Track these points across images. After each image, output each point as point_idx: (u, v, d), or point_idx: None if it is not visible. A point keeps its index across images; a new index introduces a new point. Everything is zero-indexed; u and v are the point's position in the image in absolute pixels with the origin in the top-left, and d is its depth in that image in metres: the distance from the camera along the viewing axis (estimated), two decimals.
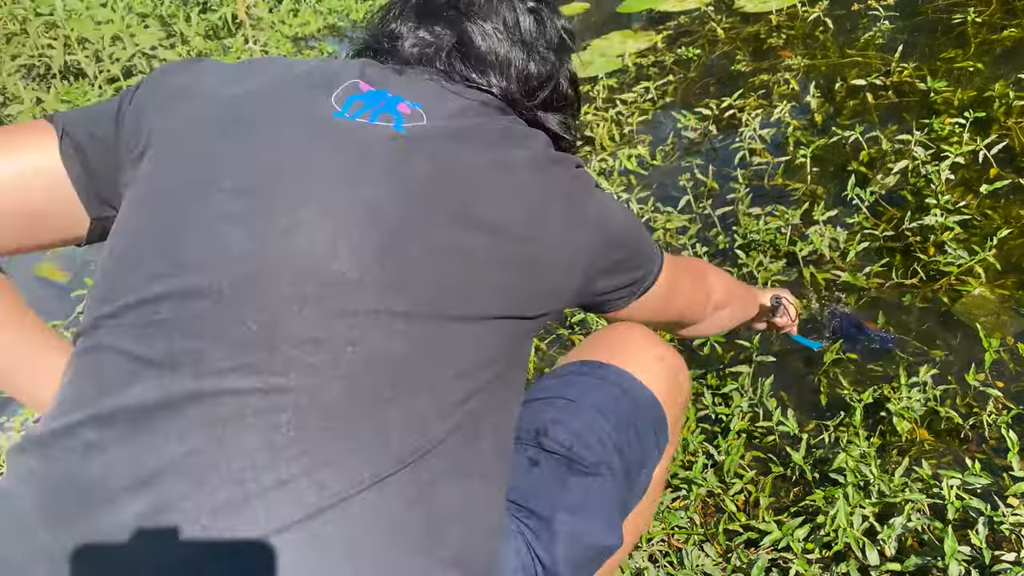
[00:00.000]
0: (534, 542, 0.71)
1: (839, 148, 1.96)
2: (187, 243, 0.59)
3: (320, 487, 0.54)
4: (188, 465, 0.53)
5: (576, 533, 0.72)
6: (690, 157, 2.14)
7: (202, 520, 0.52)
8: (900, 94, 2.11)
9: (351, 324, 0.57)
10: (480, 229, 0.63)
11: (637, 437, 0.81)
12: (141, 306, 0.58)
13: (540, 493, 0.74)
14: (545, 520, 0.72)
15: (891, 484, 1.13)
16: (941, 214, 1.57)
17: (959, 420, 1.22)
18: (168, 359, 0.56)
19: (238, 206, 0.59)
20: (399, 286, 0.59)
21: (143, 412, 0.55)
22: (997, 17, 2.31)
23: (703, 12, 2.99)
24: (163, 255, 0.59)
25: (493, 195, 0.64)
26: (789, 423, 1.28)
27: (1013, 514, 1.05)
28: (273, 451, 0.54)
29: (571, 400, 0.81)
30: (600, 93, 2.59)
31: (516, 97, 0.77)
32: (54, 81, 3.88)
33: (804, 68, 2.40)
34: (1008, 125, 1.83)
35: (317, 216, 0.59)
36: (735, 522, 1.18)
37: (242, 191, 0.60)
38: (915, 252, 1.58)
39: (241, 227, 0.59)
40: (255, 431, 0.54)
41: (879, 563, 1.05)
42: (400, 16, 0.80)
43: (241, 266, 0.58)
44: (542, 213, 0.67)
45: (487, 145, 0.67)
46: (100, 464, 0.54)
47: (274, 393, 0.55)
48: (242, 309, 0.57)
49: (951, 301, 1.45)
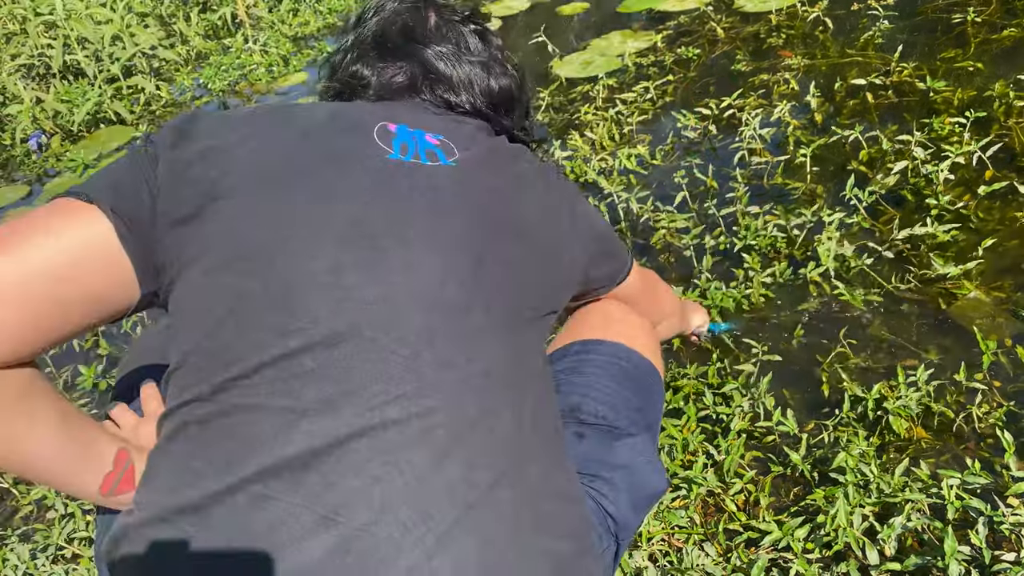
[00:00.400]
0: (602, 500, 0.80)
1: (839, 148, 1.96)
2: (311, 297, 0.62)
3: (472, 487, 0.61)
4: (369, 495, 0.58)
5: (634, 485, 0.83)
6: (690, 157, 2.14)
7: (395, 537, 0.57)
8: (900, 94, 2.11)
9: (470, 343, 0.65)
10: (522, 239, 0.73)
11: (650, 397, 0.92)
12: (280, 362, 0.61)
13: (595, 459, 0.83)
14: (606, 480, 0.82)
15: (891, 483, 1.13)
16: (931, 223, 1.57)
17: (953, 416, 1.22)
18: (324, 405, 0.60)
19: (350, 256, 0.64)
20: (492, 302, 0.68)
21: (311, 457, 0.59)
22: (997, 17, 2.32)
23: (703, 12, 2.99)
24: (287, 311, 0.62)
25: (524, 208, 0.75)
26: (789, 423, 1.28)
27: (1013, 514, 1.05)
28: (438, 464, 0.60)
29: (589, 377, 0.90)
30: (600, 93, 2.59)
31: (487, 113, 0.87)
32: (53, 81, 3.88)
33: (804, 68, 2.40)
34: (1009, 125, 1.83)
35: (424, 253, 0.66)
36: (735, 522, 1.18)
37: (347, 241, 0.65)
38: (908, 259, 1.58)
39: (361, 274, 0.64)
40: (420, 451, 0.60)
41: (879, 563, 1.05)
42: (361, 58, 0.87)
43: (374, 308, 0.63)
44: (555, 218, 0.78)
45: (504, 164, 0.78)
46: (276, 512, 0.57)
47: (428, 415, 0.61)
48: (385, 347, 0.62)
49: (947, 304, 1.45)
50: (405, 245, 0.66)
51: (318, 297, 0.62)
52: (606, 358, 0.91)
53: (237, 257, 0.64)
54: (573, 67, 2.89)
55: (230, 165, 0.67)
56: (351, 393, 0.61)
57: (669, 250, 1.81)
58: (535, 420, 0.69)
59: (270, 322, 0.62)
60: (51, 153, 3.31)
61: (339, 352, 0.61)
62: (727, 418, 1.34)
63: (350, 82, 0.87)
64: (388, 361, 0.62)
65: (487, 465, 0.62)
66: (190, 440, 0.62)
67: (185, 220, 0.65)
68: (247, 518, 0.58)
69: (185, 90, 3.76)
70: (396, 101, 0.84)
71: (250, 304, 0.62)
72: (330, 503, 0.58)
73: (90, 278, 0.63)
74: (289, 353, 0.61)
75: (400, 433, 0.60)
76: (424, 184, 0.70)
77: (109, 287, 0.65)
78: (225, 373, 0.61)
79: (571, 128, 2.47)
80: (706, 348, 1.51)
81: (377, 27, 0.88)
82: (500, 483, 0.62)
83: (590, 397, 0.87)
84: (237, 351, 0.62)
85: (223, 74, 3.76)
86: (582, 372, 0.90)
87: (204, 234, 0.65)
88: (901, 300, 1.49)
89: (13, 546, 1.44)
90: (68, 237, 0.62)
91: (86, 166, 3.05)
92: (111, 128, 3.43)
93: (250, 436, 0.60)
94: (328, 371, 0.61)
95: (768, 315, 1.55)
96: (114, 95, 3.62)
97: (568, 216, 0.80)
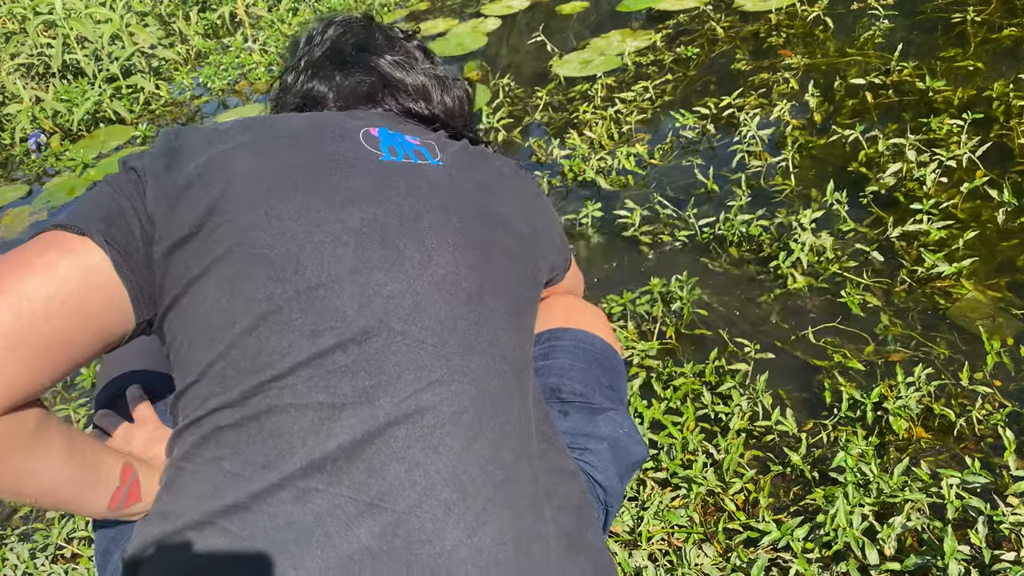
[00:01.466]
0: (591, 471, 0.85)
1: (837, 148, 1.95)
2: (339, 297, 0.64)
3: (500, 465, 0.65)
4: (413, 479, 0.61)
5: (619, 455, 0.89)
6: (688, 156, 2.14)
7: (439, 517, 0.60)
8: (900, 93, 2.11)
9: (488, 328, 0.69)
10: (510, 231, 0.77)
11: (616, 376, 0.98)
12: (314, 361, 0.62)
13: (581, 433, 0.88)
14: (593, 451, 0.87)
15: (890, 483, 1.13)
16: (927, 220, 1.57)
17: (954, 419, 1.22)
18: (361, 397, 0.62)
19: (371, 255, 0.66)
20: (499, 290, 0.72)
21: (353, 447, 0.61)
22: (997, 16, 2.31)
23: (702, 11, 2.99)
24: (317, 313, 0.64)
25: (507, 202, 0.79)
26: (788, 422, 1.28)
27: (1013, 513, 1.05)
28: (470, 445, 0.64)
29: (561, 361, 0.95)
30: (599, 92, 2.59)
31: (443, 119, 0.92)
32: (53, 80, 3.88)
33: (803, 67, 2.40)
34: (1010, 125, 1.83)
35: (437, 247, 0.69)
36: (735, 521, 1.18)
37: (366, 241, 0.67)
38: (901, 257, 1.58)
39: (383, 271, 0.66)
40: (455, 433, 0.63)
41: (879, 562, 1.05)
42: (316, 75, 0.91)
43: (400, 302, 0.66)
44: (532, 210, 0.83)
45: (481, 162, 0.82)
46: (322, 504, 0.59)
47: (457, 398, 0.65)
48: (415, 338, 0.65)
49: (947, 304, 1.45)
50: (419, 240, 0.69)
51: (346, 296, 0.64)
52: (573, 343, 0.97)
53: (259, 264, 0.64)
54: (572, 66, 2.89)
55: (231, 176, 0.67)
56: (387, 384, 0.63)
57: (662, 246, 1.81)
58: (536, 400, 0.75)
59: (300, 325, 0.63)
60: (50, 152, 3.30)
61: (371, 346, 0.64)
62: (726, 417, 1.34)
63: (308, 97, 0.90)
64: (418, 351, 0.65)
65: (509, 444, 0.67)
66: (222, 445, 0.62)
67: (186, 239, 0.65)
68: (292, 512, 0.59)
69: (184, 89, 3.76)
70: (360, 109, 0.87)
71: (278, 309, 0.63)
72: (375, 490, 0.60)
73: (91, 311, 0.62)
74: (322, 352, 0.63)
75: (436, 417, 0.63)
76: (421, 182, 0.73)
77: (109, 319, 0.64)
78: (255, 378, 0.62)
79: (570, 127, 2.46)
80: (705, 346, 1.51)
81: (329, 44, 0.93)
82: (520, 460, 0.67)
83: (567, 378, 0.93)
84: (267, 356, 0.62)
85: (222, 73, 3.76)
86: (555, 357, 0.96)
87: (211, 248, 0.64)
88: (902, 300, 1.49)
89: (12, 545, 1.44)
90: (65, 273, 0.60)
91: (85, 165, 3.04)
92: (110, 127, 3.43)
93: (289, 434, 0.61)
94: (362, 365, 0.63)
95: (768, 314, 1.55)
96: (113, 94, 3.62)
97: (539, 209, 0.85)
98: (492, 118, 2.56)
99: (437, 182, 0.74)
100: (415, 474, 0.61)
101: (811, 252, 1.62)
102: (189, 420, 0.65)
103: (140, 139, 3.21)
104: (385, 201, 0.70)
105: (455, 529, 0.60)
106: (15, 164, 3.32)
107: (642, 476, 1.28)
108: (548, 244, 0.86)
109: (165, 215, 0.65)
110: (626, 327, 1.61)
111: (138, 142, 3.20)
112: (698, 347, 1.53)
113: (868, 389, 1.32)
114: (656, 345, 1.54)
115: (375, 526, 0.59)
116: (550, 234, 0.87)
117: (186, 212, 0.65)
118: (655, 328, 1.59)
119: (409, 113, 0.90)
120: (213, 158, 0.68)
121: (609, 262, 1.84)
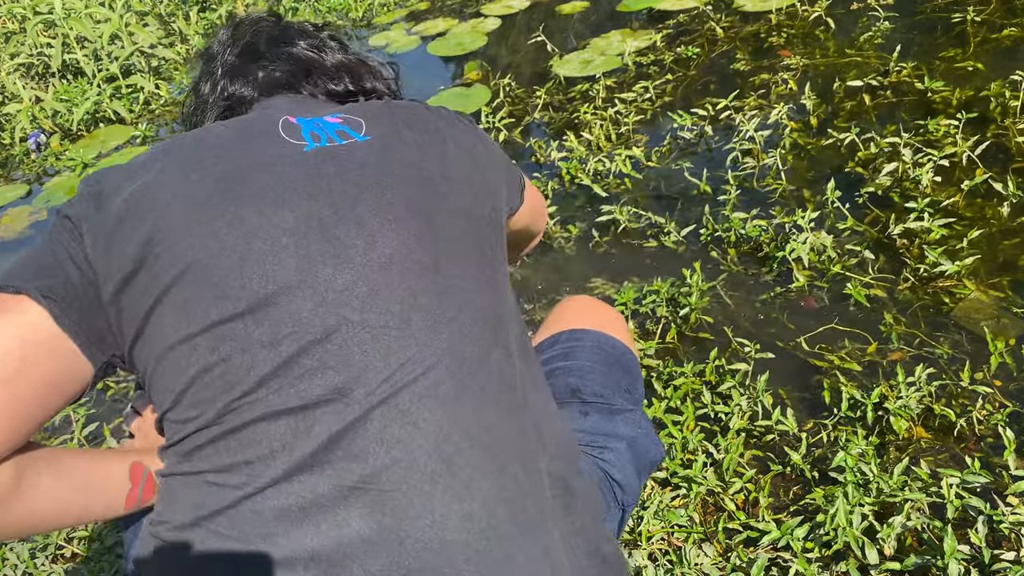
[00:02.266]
0: (610, 469, 0.86)
1: (834, 149, 1.96)
2: (290, 302, 0.64)
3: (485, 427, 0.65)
4: (394, 457, 0.62)
5: (637, 454, 0.90)
6: (686, 159, 2.14)
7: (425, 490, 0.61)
8: (898, 94, 2.11)
9: (451, 296, 0.69)
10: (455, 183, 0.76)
11: (634, 378, 0.98)
12: (282, 369, 0.63)
13: (601, 432, 0.89)
14: (613, 450, 0.88)
15: (890, 483, 1.13)
16: (928, 217, 1.57)
17: (955, 419, 1.22)
18: (334, 394, 0.63)
19: (312, 252, 0.66)
20: (455, 252, 0.71)
21: (331, 441, 0.61)
22: (997, 16, 2.32)
23: (702, 11, 2.99)
24: (273, 322, 0.63)
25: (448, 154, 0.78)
26: (788, 422, 1.28)
27: (1013, 513, 1.05)
28: (450, 415, 0.64)
29: (581, 362, 0.96)
30: (599, 92, 2.59)
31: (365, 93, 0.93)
32: (52, 80, 3.88)
33: (803, 67, 2.40)
34: (1006, 125, 1.83)
35: (379, 227, 0.68)
36: (735, 521, 1.18)
37: (305, 239, 0.66)
38: (903, 256, 1.58)
39: (329, 265, 0.66)
40: (432, 405, 0.64)
41: (878, 562, 1.05)
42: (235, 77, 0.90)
43: (354, 292, 0.65)
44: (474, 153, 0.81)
45: (412, 119, 0.80)
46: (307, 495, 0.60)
47: (432, 372, 0.65)
48: (375, 325, 0.65)
49: (951, 304, 1.45)
50: (360, 225, 0.68)
51: (298, 300, 0.64)
52: (594, 344, 0.98)
53: (206, 286, 0.63)
54: (572, 66, 2.89)
55: (159, 205, 0.66)
56: (357, 376, 0.63)
57: (663, 251, 1.81)
58: (521, 346, 0.75)
59: (259, 337, 0.63)
60: (50, 152, 3.30)
61: (333, 343, 0.64)
62: (726, 417, 1.34)
63: (232, 99, 0.90)
64: (382, 337, 0.65)
65: (492, 404, 0.67)
66: (204, 460, 0.63)
67: (131, 275, 0.64)
68: (278, 508, 0.60)
69: (184, 89, 3.76)
70: (281, 97, 0.87)
71: (234, 327, 0.63)
72: (358, 474, 0.61)
73: (39, 369, 0.61)
74: (285, 361, 0.63)
75: (411, 395, 0.64)
76: (350, 163, 0.72)
77: (60, 372, 0.63)
78: (226, 397, 0.62)
79: (569, 128, 2.46)
80: (704, 344, 1.51)
81: (243, 44, 0.92)
82: (506, 416, 0.68)
83: (587, 379, 0.93)
84: (233, 375, 0.63)
85: None
86: (575, 358, 0.96)
87: (159, 278, 0.64)
88: (902, 300, 1.49)
89: (12, 545, 1.44)
90: (5, 333, 0.60)
91: (85, 165, 3.04)
92: (110, 127, 3.43)
93: (267, 440, 0.62)
94: (328, 363, 0.63)
95: (769, 313, 1.55)
96: (113, 94, 3.61)
97: (483, 148, 0.84)
98: (493, 118, 2.56)
99: (367, 159, 0.72)
100: (396, 451, 0.62)
101: (812, 252, 1.62)
102: (171, 442, 0.66)
103: (140, 139, 3.20)
104: (317, 194, 0.68)
105: (443, 498, 0.61)
106: (15, 164, 3.32)
107: None
108: (498, 182, 0.85)
109: (103, 255, 0.65)
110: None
111: (138, 142, 3.20)
112: (698, 346, 1.54)
113: (869, 389, 1.32)
114: (656, 344, 1.54)
115: (363, 508, 0.60)
116: (497, 171, 0.85)
117: (123, 248, 0.64)
118: (657, 329, 1.59)
119: (331, 94, 0.91)
120: (136, 191, 0.66)
121: (608, 263, 1.84)
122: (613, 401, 0.92)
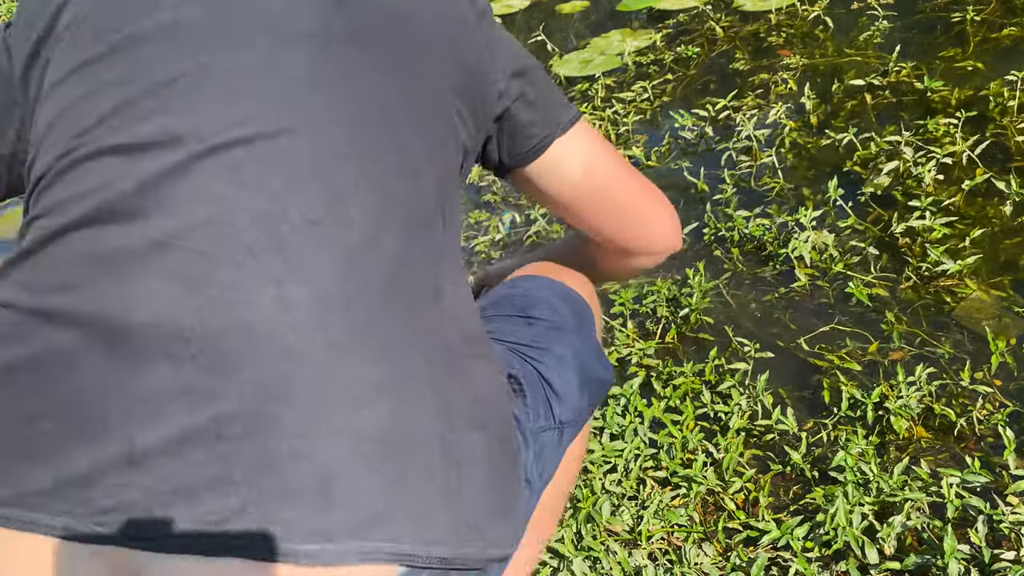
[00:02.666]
0: (545, 371, 0.77)
1: (833, 149, 1.95)
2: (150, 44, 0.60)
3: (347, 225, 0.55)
4: (210, 215, 0.54)
5: (583, 365, 0.81)
6: (686, 158, 2.14)
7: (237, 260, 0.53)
8: (898, 93, 2.11)
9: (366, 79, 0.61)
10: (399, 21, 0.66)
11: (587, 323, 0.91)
12: (123, 107, 0.58)
13: (543, 340, 0.81)
14: (555, 354, 0.79)
15: (890, 482, 1.13)
16: (930, 216, 1.57)
17: (955, 419, 1.22)
18: (167, 136, 0.56)
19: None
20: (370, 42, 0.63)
21: (144, 185, 0.55)
22: (997, 15, 2.31)
23: (702, 11, 2.99)
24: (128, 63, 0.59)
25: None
26: (788, 422, 1.28)
27: (1013, 513, 1.05)
28: (293, 186, 0.55)
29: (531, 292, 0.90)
30: (598, 92, 2.58)
31: None
32: None
33: (802, 67, 2.40)
34: (1004, 124, 1.83)
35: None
36: (734, 520, 1.18)
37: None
38: (904, 255, 1.58)
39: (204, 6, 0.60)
40: (273, 170, 0.55)
41: (878, 562, 1.05)
42: None
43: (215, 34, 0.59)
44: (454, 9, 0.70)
45: None
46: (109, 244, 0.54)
47: (283, 135, 0.56)
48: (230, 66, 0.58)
49: (953, 303, 1.45)
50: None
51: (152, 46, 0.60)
52: (546, 283, 0.91)
53: (89, 30, 0.61)
54: (572, 66, 2.89)
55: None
56: (195, 122, 0.56)
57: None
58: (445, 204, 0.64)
59: (111, 81, 0.59)
60: None
61: (180, 86, 0.57)
62: (726, 416, 1.34)
63: None
64: (233, 81, 0.58)
65: (358, 202, 0.56)
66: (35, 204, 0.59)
67: (40, 42, 0.63)
68: (85, 250, 0.54)
69: None
70: None
71: (94, 69, 0.60)
72: (166, 227, 0.53)
73: None
74: (128, 100, 0.58)
75: (247, 151, 0.55)
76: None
77: None
78: (69, 136, 0.59)
79: None
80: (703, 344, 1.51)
81: None
82: (390, 235, 0.57)
83: (538, 304, 0.86)
84: (81, 115, 0.59)
85: None
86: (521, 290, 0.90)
87: (59, 36, 0.62)
88: (904, 299, 1.49)
89: None
90: None
91: None
92: None
93: (87, 182, 0.56)
94: (171, 106, 0.57)
95: (769, 313, 1.55)
96: None
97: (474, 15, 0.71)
98: None
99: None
100: (213, 209, 0.53)
101: (813, 250, 1.62)
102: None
103: None
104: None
105: (257, 278, 0.52)
106: None
107: (641, 475, 1.28)
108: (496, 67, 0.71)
109: (16, 37, 0.65)
110: (626, 326, 1.61)
111: None
112: (698, 346, 1.53)
113: (869, 388, 1.32)
114: (655, 344, 1.54)
115: (162, 267, 0.52)
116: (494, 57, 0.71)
117: (36, 20, 0.64)
118: (657, 329, 1.59)
119: None
120: None
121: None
122: (562, 323, 0.84)
